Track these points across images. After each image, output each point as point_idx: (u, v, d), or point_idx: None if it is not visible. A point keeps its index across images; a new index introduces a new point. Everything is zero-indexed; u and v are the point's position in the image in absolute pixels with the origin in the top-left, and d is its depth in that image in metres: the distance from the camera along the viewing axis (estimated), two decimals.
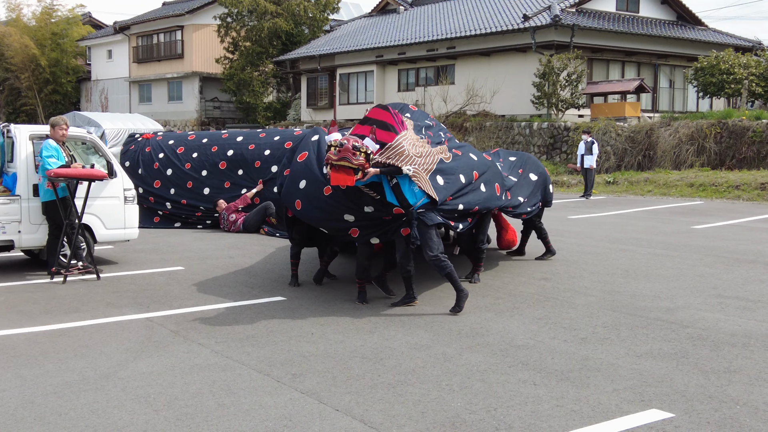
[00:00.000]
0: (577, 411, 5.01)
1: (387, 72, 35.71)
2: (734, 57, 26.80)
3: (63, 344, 6.69)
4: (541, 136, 27.30)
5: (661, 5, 33.56)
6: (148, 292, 8.94)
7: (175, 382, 5.62)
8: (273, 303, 8.30)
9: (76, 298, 8.58)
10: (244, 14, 40.86)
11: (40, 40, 48.36)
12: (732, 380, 5.59)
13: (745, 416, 4.90)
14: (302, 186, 8.46)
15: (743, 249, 11.65)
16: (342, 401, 5.22)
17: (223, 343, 6.70)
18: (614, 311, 7.77)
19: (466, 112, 30.52)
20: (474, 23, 31.78)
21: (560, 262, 10.74)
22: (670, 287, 8.95)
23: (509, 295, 8.60)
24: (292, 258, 9.45)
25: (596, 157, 21.57)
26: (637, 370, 5.85)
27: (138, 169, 15.64)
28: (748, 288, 8.88)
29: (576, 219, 15.90)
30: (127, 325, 7.36)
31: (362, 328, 7.19)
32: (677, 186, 21.36)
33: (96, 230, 10.46)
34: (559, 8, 28.66)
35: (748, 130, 23.02)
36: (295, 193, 8.56)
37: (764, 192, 19.44)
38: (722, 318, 7.46)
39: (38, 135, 10.22)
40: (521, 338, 6.79)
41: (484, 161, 9.27)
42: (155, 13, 48.27)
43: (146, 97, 48.94)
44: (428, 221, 7.81)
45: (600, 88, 28.39)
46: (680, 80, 32.71)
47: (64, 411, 5.06)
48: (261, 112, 41.65)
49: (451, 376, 5.72)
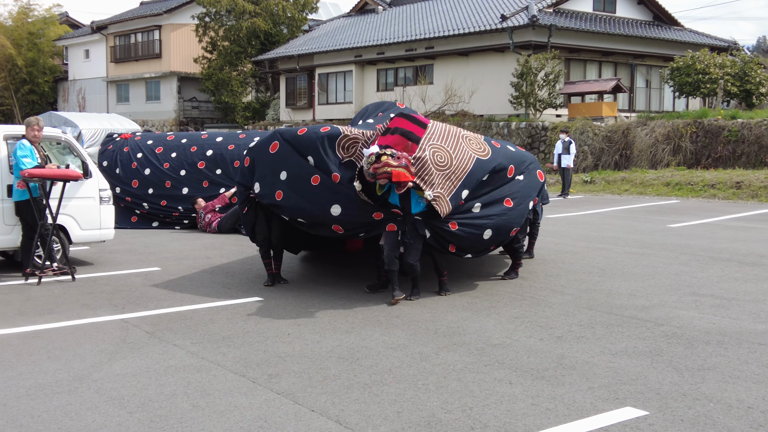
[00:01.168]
0: (552, 409, 5.03)
1: (366, 72, 35.70)
2: (710, 57, 27.03)
3: (36, 346, 6.62)
4: (520, 135, 27.39)
5: (638, 6, 33.80)
6: (124, 293, 8.88)
7: (149, 384, 5.58)
8: (250, 303, 8.27)
9: (50, 300, 8.51)
10: (223, 14, 40.73)
11: (16, 39, 47.94)
12: (706, 378, 5.63)
13: (718, 413, 4.94)
14: (284, 177, 8.51)
15: (718, 247, 11.75)
16: (318, 402, 5.20)
17: (198, 344, 6.66)
18: (590, 310, 7.81)
19: (444, 112, 30.56)
20: (452, 23, 31.85)
21: (537, 261, 10.78)
22: (646, 285, 9.00)
23: (486, 294, 8.61)
24: (264, 258, 9.42)
25: (574, 156, 21.64)
26: (612, 368, 5.88)
27: (116, 168, 15.54)
28: (723, 286, 8.95)
29: (553, 218, 15.97)
30: (102, 327, 7.30)
31: (339, 328, 7.18)
32: (653, 185, 21.51)
33: (71, 231, 10.37)
34: (537, 8, 28.78)
35: (724, 129, 23.23)
36: (274, 184, 8.56)
37: (739, 191, 19.62)
38: (697, 316, 7.52)
39: (13, 135, 10.11)
40: (497, 337, 6.81)
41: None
42: (133, 13, 47.99)
43: (124, 97, 48.65)
44: (420, 230, 8.20)
45: (577, 88, 28.55)
46: (656, 80, 32.95)
47: (36, 413, 5.01)
48: (240, 112, 41.52)
49: (428, 376, 5.72)
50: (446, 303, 8.15)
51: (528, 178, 9.18)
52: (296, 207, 8.54)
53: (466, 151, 8.54)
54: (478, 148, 8.74)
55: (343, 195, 8.27)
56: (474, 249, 8.79)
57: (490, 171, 8.62)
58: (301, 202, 8.49)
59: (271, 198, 8.67)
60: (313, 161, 8.46)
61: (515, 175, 8.99)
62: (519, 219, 8.93)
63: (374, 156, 7.72)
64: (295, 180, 8.52)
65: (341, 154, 8.47)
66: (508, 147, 9.35)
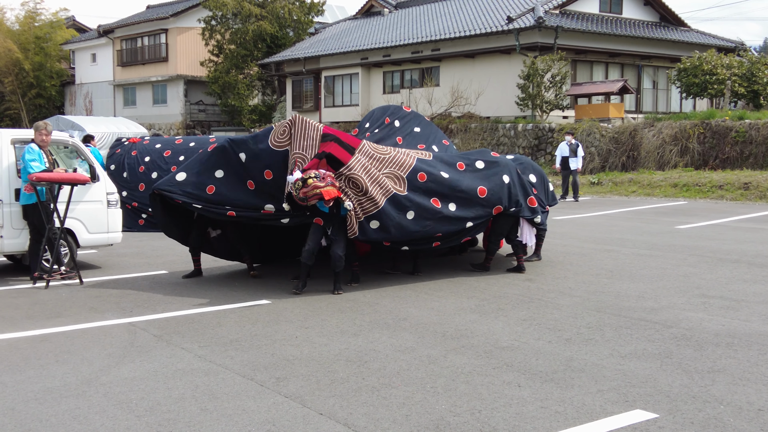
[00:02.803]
0: (562, 412, 5.00)
1: (372, 74, 35.71)
2: (717, 57, 26.95)
3: (45, 350, 6.63)
4: (526, 137, 27.36)
5: (644, 6, 33.72)
6: (132, 296, 8.88)
7: (157, 387, 5.58)
8: (257, 307, 8.26)
9: (58, 303, 8.52)
10: (229, 17, 40.78)
11: (23, 44, 48.04)
12: (716, 380, 5.60)
13: (728, 416, 4.91)
14: (219, 175, 9.20)
15: (727, 249, 11.70)
16: (326, 405, 5.19)
17: (206, 347, 6.66)
18: (599, 312, 7.78)
19: (451, 113, 30.55)
20: (458, 25, 31.82)
21: (545, 263, 10.75)
22: (654, 287, 8.97)
23: (494, 297, 8.60)
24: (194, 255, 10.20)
25: (582, 159, 21.29)
26: (621, 370, 5.85)
27: (123, 172, 15.58)
28: (732, 287, 8.91)
29: (560, 220, 15.94)
30: (110, 330, 7.30)
31: (346, 331, 7.17)
32: (661, 186, 21.46)
33: (79, 235, 10.40)
34: (543, 10, 28.75)
35: (731, 130, 23.15)
36: (208, 180, 9.20)
37: (747, 192, 19.55)
38: (706, 318, 7.48)
39: (20, 139, 10.14)
40: (506, 340, 6.78)
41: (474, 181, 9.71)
42: (139, 17, 48.09)
43: (131, 101, 48.74)
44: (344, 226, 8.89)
45: (584, 89, 28.49)
46: (663, 81, 32.87)
47: (45, 417, 5.01)
48: (246, 115, 41.56)
49: (436, 379, 5.70)
50: (454, 306, 8.14)
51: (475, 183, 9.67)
52: (227, 199, 9.21)
53: (399, 162, 9.26)
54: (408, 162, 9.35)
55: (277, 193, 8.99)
56: (402, 242, 9.29)
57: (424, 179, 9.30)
58: (236, 195, 9.18)
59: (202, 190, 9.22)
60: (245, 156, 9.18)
61: (460, 183, 9.52)
62: (452, 223, 9.41)
63: (300, 182, 8.36)
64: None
65: (274, 142, 9.08)
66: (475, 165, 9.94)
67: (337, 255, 8.85)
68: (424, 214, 9.13)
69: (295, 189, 8.38)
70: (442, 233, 9.40)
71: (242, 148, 9.19)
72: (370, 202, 8.77)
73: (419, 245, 9.52)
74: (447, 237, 9.55)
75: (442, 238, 9.49)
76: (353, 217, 8.68)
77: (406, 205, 9.01)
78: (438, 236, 9.42)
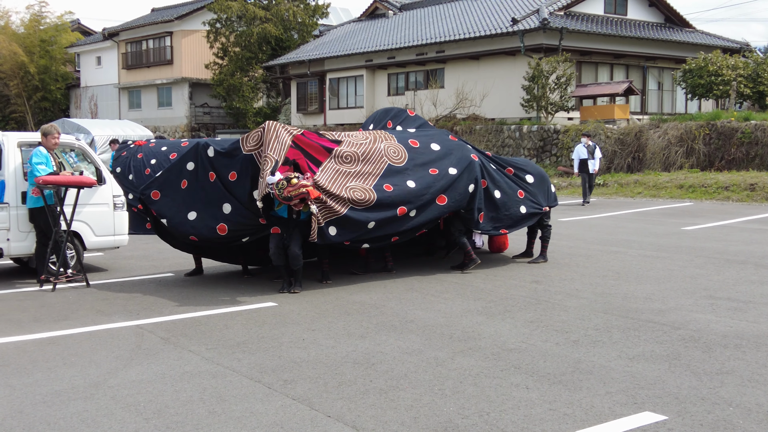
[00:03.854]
0: (570, 414, 4.99)
1: (377, 76, 35.73)
2: (722, 58, 26.91)
3: (52, 352, 6.64)
4: (531, 139, 27.35)
5: (649, 8, 33.68)
6: (138, 299, 8.89)
7: (165, 390, 5.58)
8: (264, 309, 8.26)
9: (65, 306, 8.53)
10: (233, 20, 40.83)
11: (28, 47, 48.18)
12: (724, 382, 5.58)
13: (738, 418, 4.89)
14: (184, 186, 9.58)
15: (734, 250, 11.67)
16: (334, 407, 5.18)
17: (213, 350, 6.66)
18: (606, 313, 7.76)
19: (456, 115, 30.54)
20: (463, 27, 31.82)
21: (551, 264, 10.74)
22: (662, 289, 8.95)
23: (501, 299, 8.58)
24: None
25: (599, 161, 20.43)
26: (629, 372, 5.84)
27: (129, 175, 15.59)
28: (739, 289, 8.89)
29: (567, 221, 15.92)
30: (117, 333, 7.31)
31: (354, 333, 7.16)
32: (667, 188, 21.42)
33: (85, 237, 10.41)
34: (548, 11, 28.73)
35: (737, 131, 23.11)
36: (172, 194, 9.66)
37: (753, 193, 19.51)
38: (714, 319, 7.46)
39: (27, 142, 10.16)
40: (513, 342, 6.77)
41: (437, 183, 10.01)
42: (144, 20, 48.18)
43: (136, 104, 48.83)
44: (302, 229, 9.19)
45: (589, 90, 28.46)
46: (669, 82, 32.83)
47: (53, 420, 5.02)
48: (251, 118, 41.62)
49: (444, 381, 5.69)
50: (461, 308, 8.13)
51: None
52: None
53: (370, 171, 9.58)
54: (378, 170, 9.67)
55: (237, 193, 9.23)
56: (361, 241, 9.54)
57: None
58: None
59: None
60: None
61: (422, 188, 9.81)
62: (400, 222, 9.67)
63: (284, 181, 8.56)
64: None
65: (245, 147, 9.27)
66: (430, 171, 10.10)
67: (295, 253, 9.09)
68: (384, 222, 9.44)
69: (279, 188, 8.53)
70: (400, 233, 9.79)
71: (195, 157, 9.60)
72: (331, 211, 9.03)
73: (377, 243, 9.82)
74: (404, 234, 9.91)
75: (399, 234, 9.84)
76: (315, 221, 8.87)
77: (368, 216, 9.27)
78: (396, 234, 9.78)
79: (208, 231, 9.29)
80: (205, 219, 9.30)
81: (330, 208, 8.98)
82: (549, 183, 11.29)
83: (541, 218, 10.98)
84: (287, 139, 9.16)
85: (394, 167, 9.75)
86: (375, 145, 9.85)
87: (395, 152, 9.91)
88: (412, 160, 9.95)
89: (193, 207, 9.40)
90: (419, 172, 9.87)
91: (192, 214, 9.37)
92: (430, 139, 10.51)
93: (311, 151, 9.32)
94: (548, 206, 11.08)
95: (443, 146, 10.40)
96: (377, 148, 9.82)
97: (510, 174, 10.87)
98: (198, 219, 9.35)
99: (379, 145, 9.89)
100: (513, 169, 10.95)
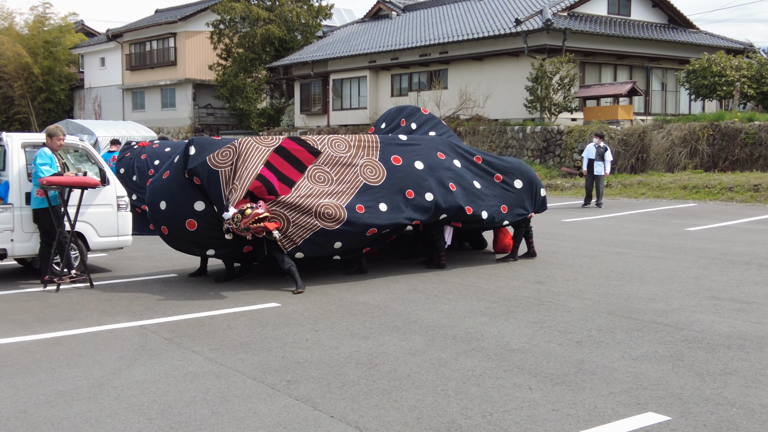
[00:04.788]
0: (573, 415, 4.99)
1: (380, 77, 35.74)
2: (726, 59, 26.88)
3: (56, 353, 6.65)
4: (535, 140, 27.33)
5: (652, 8, 33.65)
6: (142, 299, 8.90)
7: (168, 390, 5.59)
8: (267, 309, 8.27)
9: (69, 307, 8.54)
10: (237, 21, 40.87)
11: (32, 48, 48.26)
12: (728, 382, 5.58)
13: (741, 418, 4.89)
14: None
15: (737, 250, 11.66)
16: (337, 407, 5.19)
17: (217, 350, 6.67)
18: (609, 314, 7.76)
19: (459, 116, 30.54)
20: (466, 28, 31.82)
21: (555, 265, 10.73)
22: (665, 289, 8.94)
23: (504, 299, 8.58)
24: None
25: (609, 164, 19.89)
26: (632, 373, 5.83)
27: (132, 176, 15.60)
28: (743, 289, 8.88)
29: (570, 222, 15.91)
30: (121, 333, 7.32)
31: (357, 333, 7.17)
32: (670, 188, 21.39)
33: (89, 238, 10.42)
34: (551, 12, 28.71)
35: (741, 132, 23.07)
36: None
37: (757, 193, 19.48)
38: (717, 320, 7.45)
39: (30, 143, 10.18)
40: (516, 342, 6.77)
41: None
42: (148, 21, 48.23)
43: (139, 105, 48.88)
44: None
45: (592, 91, 28.43)
46: (672, 83, 32.79)
47: (57, 420, 5.03)
48: (255, 119, 41.66)
49: (447, 381, 5.70)
50: (464, 308, 8.13)
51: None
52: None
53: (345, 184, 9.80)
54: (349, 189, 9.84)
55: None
56: (331, 255, 9.95)
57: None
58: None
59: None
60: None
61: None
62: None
63: (238, 215, 8.77)
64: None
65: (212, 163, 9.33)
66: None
67: (278, 258, 9.42)
68: (351, 241, 9.68)
69: (235, 222, 8.77)
70: (371, 244, 10.12)
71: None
72: (301, 231, 9.31)
73: (349, 255, 10.12)
74: (376, 244, 10.23)
75: (372, 245, 10.18)
76: (281, 244, 9.26)
77: (333, 238, 9.49)
78: (368, 246, 10.12)
79: (179, 225, 9.47)
80: (175, 211, 9.47)
81: (299, 228, 9.28)
82: (539, 187, 11.28)
83: (521, 222, 11.19)
84: (260, 160, 9.36)
85: (370, 186, 9.85)
86: (353, 162, 9.94)
87: (372, 171, 9.98)
88: (390, 179, 10.01)
89: (165, 197, 9.52)
90: (394, 197, 9.94)
91: (163, 204, 9.50)
92: (416, 155, 10.40)
93: (285, 170, 9.49)
94: (534, 212, 11.16)
95: (427, 164, 10.34)
96: (354, 166, 9.91)
97: (498, 181, 10.87)
98: (167, 209, 9.50)
99: (358, 161, 9.98)
100: (502, 176, 10.94)
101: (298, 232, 9.30)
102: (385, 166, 10.08)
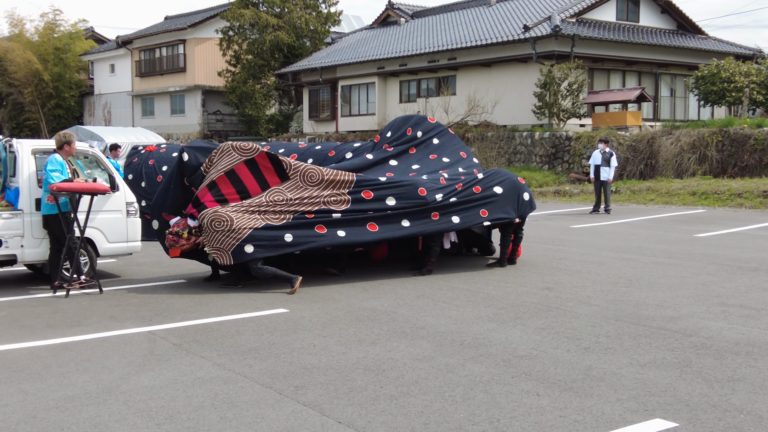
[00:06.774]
0: (581, 421, 4.99)
1: (388, 83, 35.79)
2: (735, 65, 26.82)
3: (65, 358, 6.68)
4: (543, 146, 27.32)
5: (661, 14, 33.62)
6: (151, 305, 8.94)
7: (177, 396, 5.61)
8: (275, 315, 8.29)
9: (78, 312, 8.58)
10: (246, 27, 41.04)
11: (43, 55, 48.53)
12: (736, 389, 5.57)
13: (749, 425, 4.88)
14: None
15: (746, 257, 11.63)
16: (344, 413, 5.20)
17: (225, 356, 6.69)
18: (617, 320, 7.75)
19: (467, 122, 30.56)
20: (475, 34, 31.85)
21: (563, 271, 10.73)
22: (674, 296, 8.93)
23: (512, 306, 8.58)
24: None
25: (615, 169, 19.75)
26: (640, 379, 5.83)
27: (141, 182, 15.64)
28: (752, 296, 8.86)
29: (578, 228, 15.89)
30: (130, 339, 7.35)
31: (364, 339, 7.18)
32: (679, 194, 21.35)
33: (98, 244, 10.47)
34: (560, 18, 28.72)
35: (750, 138, 23.02)
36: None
37: (767, 200, 19.41)
38: (726, 326, 7.44)
39: (41, 150, 10.25)
40: (524, 348, 6.77)
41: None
42: (157, 27, 48.46)
43: (149, 111, 49.08)
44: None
45: (601, 97, 28.42)
46: (681, 89, 32.74)
47: (66, 425, 5.05)
48: (263, 125, 41.77)
49: (454, 387, 5.70)
50: (471, 314, 8.14)
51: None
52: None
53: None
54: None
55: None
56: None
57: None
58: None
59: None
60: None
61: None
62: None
63: (181, 231, 9.89)
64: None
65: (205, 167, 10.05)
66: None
67: (253, 268, 9.79)
68: (305, 239, 9.85)
69: (176, 235, 9.98)
70: (362, 245, 10.47)
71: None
72: (232, 237, 9.59)
73: (338, 250, 10.46)
74: (367, 245, 10.60)
75: (363, 245, 10.59)
76: (218, 255, 9.69)
77: (283, 232, 9.76)
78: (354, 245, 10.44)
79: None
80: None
81: (236, 231, 9.54)
82: (522, 192, 11.19)
83: (507, 227, 11.21)
84: (222, 168, 9.88)
85: (331, 209, 10.06)
86: (319, 194, 10.06)
87: (337, 201, 10.13)
88: (354, 207, 10.15)
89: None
90: (356, 225, 10.10)
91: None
92: (392, 190, 10.36)
93: (248, 183, 9.93)
94: (518, 217, 11.09)
95: (400, 202, 10.32)
96: (319, 196, 10.05)
97: (477, 192, 10.84)
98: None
99: (324, 192, 10.09)
100: (480, 188, 10.91)
101: (240, 229, 9.59)
102: (352, 199, 10.18)
